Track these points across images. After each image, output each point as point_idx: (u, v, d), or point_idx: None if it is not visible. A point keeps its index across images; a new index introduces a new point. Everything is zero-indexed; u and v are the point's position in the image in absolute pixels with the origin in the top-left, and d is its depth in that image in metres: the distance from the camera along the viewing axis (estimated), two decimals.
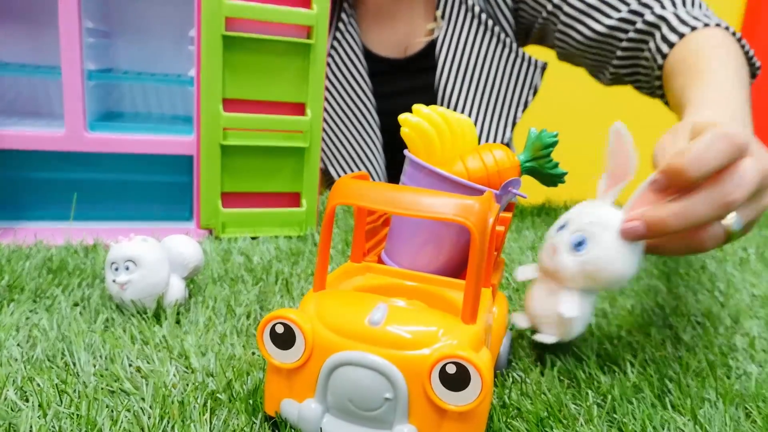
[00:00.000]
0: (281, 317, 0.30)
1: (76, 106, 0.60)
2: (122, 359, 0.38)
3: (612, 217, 0.38)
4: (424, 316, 0.30)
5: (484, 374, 0.27)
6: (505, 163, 0.38)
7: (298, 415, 0.30)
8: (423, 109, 0.38)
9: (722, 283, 0.61)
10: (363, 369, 0.28)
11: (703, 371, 0.42)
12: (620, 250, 0.37)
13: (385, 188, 0.31)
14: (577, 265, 0.37)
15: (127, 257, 0.43)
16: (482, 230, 0.29)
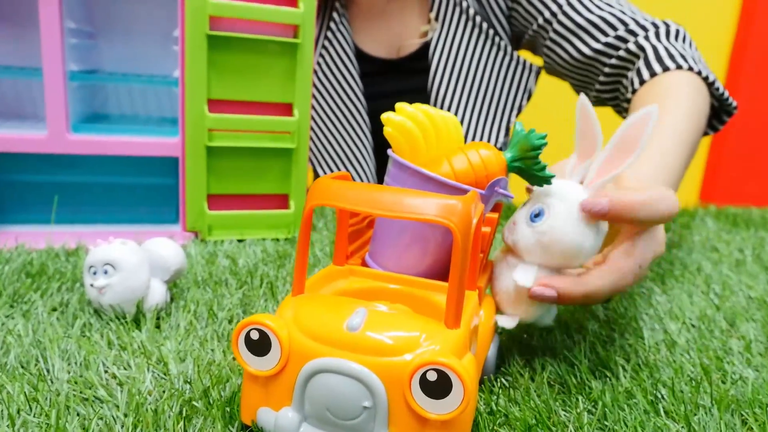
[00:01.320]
0: (256, 323, 0.29)
1: (59, 107, 0.59)
2: (98, 366, 0.37)
3: (569, 190, 0.37)
4: (405, 321, 0.29)
5: (466, 381, 0.25)
6: (492, 161, 0.37)
7: (275, 424, 0.29)
8: (407, 107, 0.37)
9: (718, 285, 0.60)
10: (340, 376, 0.27)
11: (697, 376, 0.41)
12: (575, 222, 0.36)
13: (365, 188, 0.30)
14: (533, 236, 0.37)
15: (106, 260, 0.42)
16: (465, 231, 0.28)
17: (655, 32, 0.76)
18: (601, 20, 0.78)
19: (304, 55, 0.63)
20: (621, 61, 0.77)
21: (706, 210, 0.98)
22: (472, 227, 0.29)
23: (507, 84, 0.92)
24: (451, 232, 0.28)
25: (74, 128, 0.61)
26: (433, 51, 0.90)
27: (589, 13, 0.79)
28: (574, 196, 0.37)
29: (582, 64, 0.82)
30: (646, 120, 0.36)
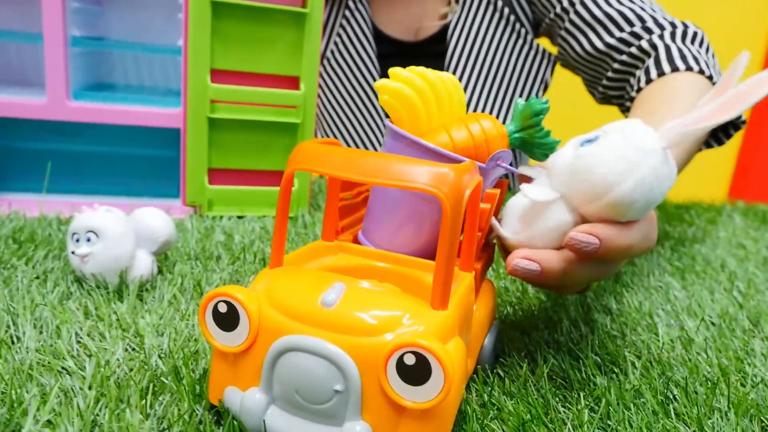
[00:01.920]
0: (224, 295, 0.26)
1: (59, 73, 0.57)
2: (70, 336, 0.35)
3: (636, 129, 0.31)
4: (386, 300, 0.26)
5: (447, 367, 0.23)
6: (493, 133, 0.34)
7: (241, 406, 0.26)
8: (402, 72, 0.34)
9: (742, 282, 0.56)
10: (310, 356, 0.24)
11: (714, 377, 0.37)
12: (621, 160, 0.30)
13: (348, 153, 0.27)
14: (570, 157, 0.32)
15: (89, 228, 0.40)
16: (455, 202, 0.25)
17: (671, 32, 0.71)
18: (618, 14, 0.74)
19: (312, 26, 0.60)
20: (631, 58, 0.74)
21: (734, 206, 0.94)
22: (464, 198, 0.26)
23: (524, 73, 0.89)
24: (440, 202, 0.25)
25: (75, 95, 0.59)
26: (451, 34, 0.87)
27: (608, 7, 0.75)
28: (641, 137, 0.31)
29: (593, 58, 0.78)
30: (765, 83, 0.30)
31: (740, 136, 1.87)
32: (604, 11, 0.75)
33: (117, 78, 0.72)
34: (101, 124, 0.60)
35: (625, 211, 0.31)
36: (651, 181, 0.30)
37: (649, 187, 0.31)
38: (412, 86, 0.34)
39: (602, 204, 0.31)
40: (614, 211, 0.31)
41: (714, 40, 0.75)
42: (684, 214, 0.85)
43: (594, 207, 0.31)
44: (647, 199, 0.31)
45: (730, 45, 0.74)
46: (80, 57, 0.62)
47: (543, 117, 0.33)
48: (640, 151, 0.30)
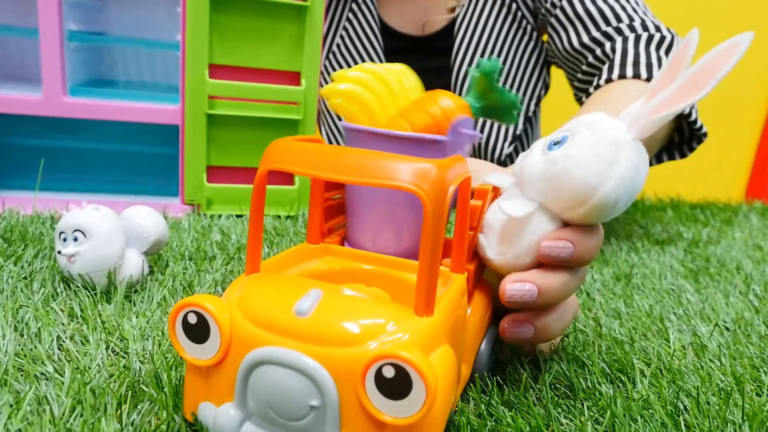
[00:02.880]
0: (193, 305, 0.24)
1: (55, 68, 0.56)
2: (52, 339, 0.34)
3: (605, 122, 0.30)
4: (365, 307, 0.24)
5: (429, 380, 0.21)
6: (454, 110, 0.32)
7: (214, 422, 0.24)
8: (348, 73, 0.33)
9: (759, 285, 0.54)
10: (284, 369, 0.23)
11: (728, 386, 0.35)
12: (598, 158, 0.28)
13: (323, 150, 0.25)
14: (542, 163, 0.30)
15: (76, 226, 0.39)
16: (438, 200, 0.23)
17: (636, 36, 0.68)
18: (598, 13, 0.72)
19: (314, 20, 0.59)
20: (596, 61, 0.71)
21: (750, 206, 0.91)
22: (448, 196, 0.24)
23: (529, 70, 0.87)
24: (421, 201, 0.23)
25: (72, 91, 0.58)
26: (458, 28, 0.85)
27: (591, 4, 0.73)
28: (611, 131, 0.29)
29: (570, 56, 0.76)
30: (730, 53, 0.29)
31: (758, 135, 1.83)
32: (585, 8, 0.73)
33: (118, 74, 0.71)
34: (99, 121, 0.59)
35: (611, 211, 0.29)
36: (631, 175, 0.29)
37: (630, 181, 0.29)
38: (361, 83, 0.33)
39: (587, 208, 0.29)
40: (599, 213, 0.29)
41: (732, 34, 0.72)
42: (699, 215, 0.82)
43: (577, 212, 0.29)
44: (629, 194, 0.29)
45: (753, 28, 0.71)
46: (78, 52, 0.62)
47: (497, 76, 0.32)
48: (614, 146, 0.29)
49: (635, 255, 0.60)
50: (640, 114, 0.29)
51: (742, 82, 1.78)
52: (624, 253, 0.61)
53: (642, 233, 0.70)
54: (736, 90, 1.78)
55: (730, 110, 1.80)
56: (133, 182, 0.66)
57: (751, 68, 1.77)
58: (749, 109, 1.81)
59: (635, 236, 0.68)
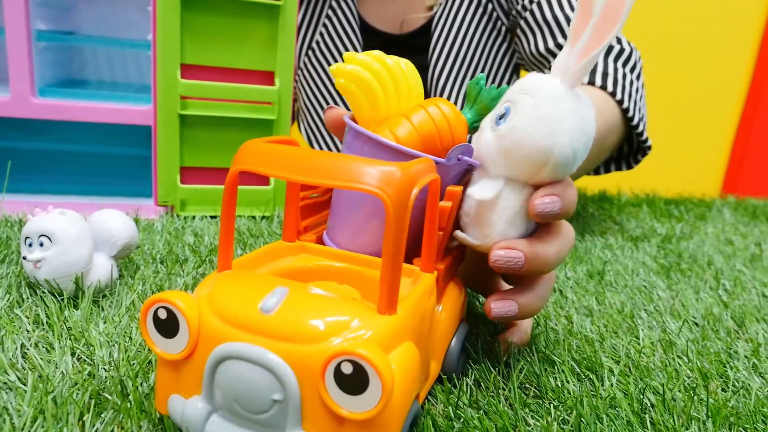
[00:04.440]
0: (163, 300, 0.25)
1: (23, 68, 0.55)
2: (16, 347, 0.33)
3: (540, 83, 0.30)
4: (329, 305, 0.25)
5: (384, 377, 0.21)
6: (455, 119, 0.33)
7: (182, 415, 0.25)
8: (358, 55, 0.33)
9: (728, 280, 0.55)
10: (248, 364, 0.23)
11: (694, 383, 0.36)
12: (544, 120, 0.29)
13: (293, 152, 0.25)
14: (494, 140, 0.31)
15: (41, 231, 0.38)
16: (400, 203, 0.24)
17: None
18: (565, 19, 0.72)
19: (287, 20, 0.58)
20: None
21: (724, 201, 0.92)
22: (411, 199, 0.24)
23: (502, 70, 0.87)
24: (383, 202, 0.23)
25: (41, 92, 0.57)
26: (435, 26, 0.85)
27: (559, 10, 0.73)
28: (546, 89, 0.30)
29: (536, 60, 0.77)
30: None
31: (733, 130, 1.85)
32: (553, 14, 0.73)
33: (89, 74, 0.70)
34: (70, 122, 0.58)
35: (573, 163, 0.30)
36: (579, 124, 0.30)
37: (581, 130, 0.30)
38: (370, 69, 0.32)
39: (549, 168, 0.30)
40: (564, 169, 0.30)
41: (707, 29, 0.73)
42: (673, 210, 0.83)
43: (543, 175, 0.30)
44: (585, 141, 0.30)
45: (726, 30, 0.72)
46: (47, 52, 0.60)
47: (497, 102, 0.32)
48: (554, 103, 0.29)
49: (609, 252, 0.61)
50: (569, 63, 0.30)
51: (717, 77, 1.80)
52: (598, 249, 0.61)
53: (617, 229, 0.71)
54: (712, 86, 1.80)
55: (705, 106, 1.82)
56: (105, 184, 0.65)
57: (725, 64, 1.79)
58: (725, 105, 1.84)
59: (610, 233, 0.69)
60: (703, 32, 1.75)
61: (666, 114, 1.79)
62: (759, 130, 1.80)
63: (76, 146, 0.65)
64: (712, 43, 1.76)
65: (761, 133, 1.80)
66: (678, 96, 1.79)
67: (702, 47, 1.76)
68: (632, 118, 0.65)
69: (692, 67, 1.78)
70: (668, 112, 1.79)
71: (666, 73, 1.76)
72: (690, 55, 1.77)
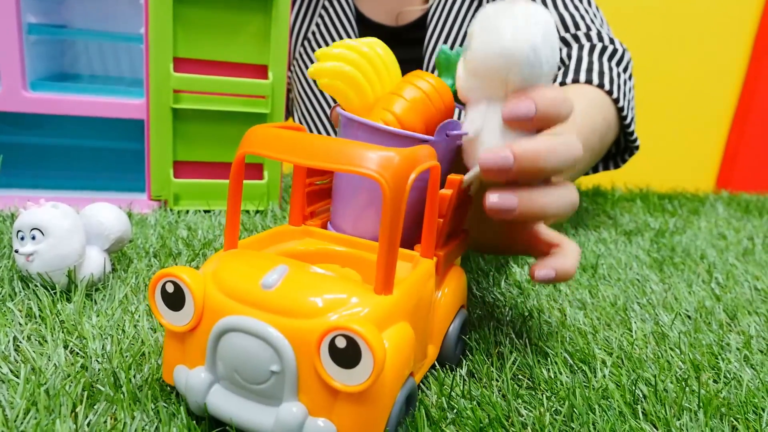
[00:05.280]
0: (171, 275, 0.26)
1: (13, 61, 0.55)
2: (8, 340, 0.33)
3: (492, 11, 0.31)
4: (328, 283, 0.26)
5: (376, 352, 0.22)
6: (442, 87, 0.33)
7: (186, 384, 0.26)
8: (332, 50, 0.33)
9: (721, 274, 0.55)
10: (249, 336, 0.25)
11: (686, 374, 0.36)
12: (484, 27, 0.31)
13: (296, 137, 0.26)
14: (463, 69, 0.32)
15: (34, 225, 0.38)
16: (397, 187, 0.24)
17: (591, 46, 0.69)
18: (559, 18, 0.72)
19: (280, 13, 0.58)
20: None
21: (717, 196, 0.93)
22: (408, 183, 0.25)
23: None
24: (380, 186, 0.24)
25: (32, 86, 0.57)
26: (430, 19, 0.85)
27: (553, 8, 0.73)
28: (488, 8, 0.32)
29: None
30: None
31: (727, 125, 1.86)
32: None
33: (81, 68, 0.69)
34: (62, 116, 0.57)
35: (540, 59, 0.31)
36: (524, 22, 0.30)
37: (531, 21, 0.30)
38: (348, 61, 0.33)
39: (517, 69, 0.30)
40: (532, 70, 0.30)
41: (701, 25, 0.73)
42: (667, 205, 0.83)
43: (514, 81, 0.31)
44: (543, 36, 0.30)
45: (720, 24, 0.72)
46: (39, 45, 0.60)
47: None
48: (496, 11, 0.31)
49: (602, 246, 0.61)
50: None
51: (712, 73, 1.80)
52: (592, 243, 0.62)
53: (610, 224, 0.71)
54: (706, 81, 1.81)
55: (700, 101, 1.83)
56: (98, 178, 0.64)
57: (720, 59, 1.80)
58: (719, 101, 1.85)
59: (603, 227, 0.69)
60: (698, 28, 1.75)
61: (660, 109, 1.80)
62: (753, 125, 1.81)
63: (69, 140, 0.64)
64: (706, 39, 1.76)
65: (755, 128, 1.81)
66: (672, 91, 1.80)
67: (696, 43, 1.77)
68: (626, 116, 0.65)
69: (686, 63, 1.78)
70: (663, 107, 1.80)
71: (660, 68, 1.76)
72: (684, 50, 1.77)
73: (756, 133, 1.82)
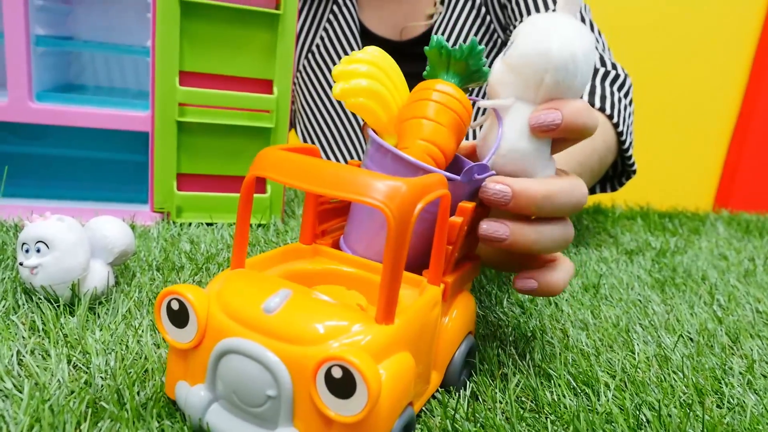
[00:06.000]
0: (176, 293, 0.27)
1: (21, 73, 0.55)
2: (12, 354, 0.33)
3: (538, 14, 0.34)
4: (329, 311, 0.26)
5: (371, 384, 0.22)
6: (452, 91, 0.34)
7: (185, 401, 0.27)
8: (348, 66, 0.33)
9: (723, 296, 0.55)
10: (247, 359, 0.25)
11: (689, 399, 0.36)
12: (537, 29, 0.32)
13: (306, 162, 0.26)
14: (502, 64, 0.34)
15: (39, 238, 0.38)
16: (402, 218, 0.24)
17: (593, 71, 0.71)
18: None
19: (286, 28, 0.58)
20: None
21: (718, 215, 0.93)
22: (414, 214, 0.25)
23: None
24: (385, 216, 0.24)
25: (38, 96, 0.57)
26: (433, 35, 0.85)
27: None
28: (542, 15, 0.33)
29: None
30: None
31: (726, 144, 1.87)
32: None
33: (87, 79, 0.70)
34: (67, 127, 0.57)
35: (574, 69, 0.32)
36: (574, 33, 0.32)
37: (578, 38, 0.32)
38: (373, 77, 0.33)
39: (550, 76, 0.32)
40: (565, 76, 0.32)
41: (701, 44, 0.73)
42: (667, 224, 0.84)
43: (546, 83, 0.32)
44: (583, 51, 0.32)
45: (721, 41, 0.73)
46: (46, 57, 0.60)
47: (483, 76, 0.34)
48: (548, 20, 0.32)
49: (604, 265, 0.61)
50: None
51: (711, 91, 1.82)
52: (593, 262, 0.62)
53: (611, 242, 0.71)
54: (705, 99, 1.82)
55: (698, 119, 1.84)
56: (101, 189, 0.64)
57: (719, 78, 1.81)
58: (717, 119, 1.86)
59: (605, 246, 0.69)
60: (697, 47, 1.77)
61: (659, 127, 1.81)
62: (751, 144, 1.82)
63: (72, 151, 0.64)
64: (706, 58, 1.78)
65: (753, 147, 1.82)
66: (671, 109, 1.81)
67: (695, 61, 1.78)
68: (624, 141, 0.66)
69: (686, 81, 1.80)
70: (661, 125, 1.81)
71: (660, 86, 1.78)
72: (683, 68, 1.78)
73: (754, 153, 1.83)
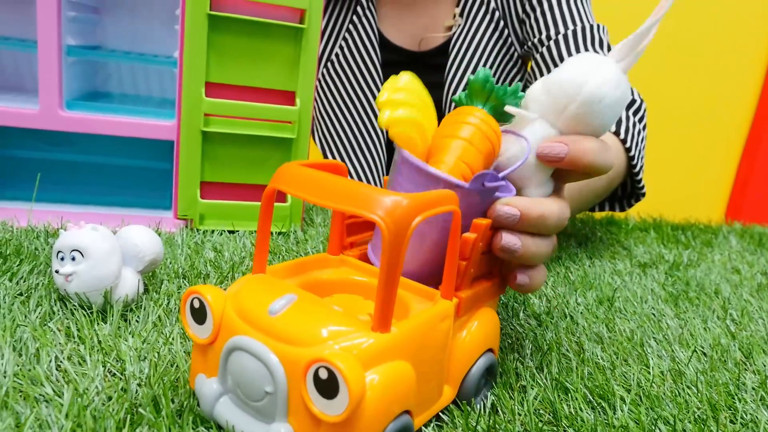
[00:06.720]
0: (197, 293, 0.30)
1: (52, 82, 0.57)
2: (50, 360, 0.34)
3: (588, 52, 0.36)
4: (329, 317, 0.28)
5: (352, 386, 0.24)
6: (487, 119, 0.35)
7: (200, 391, 0.29)
8: (393, 95, 0.34)
9: (736, 310, 0.56)
10: (250, 357, 0.27)
11: (704, 414, 0.37)
12: (582, 61, 0.34)
13: (317, 177, 0.29)
14: (542, 83, 0.36)
15: (74, 246, 0.40)
16: (397, 232, 0.26)
17: None
18: None
19: (310, 42, 0.60)
20: None
21: (730, 227, 0.93)
22: (410, 228, 0.27)
23: None
24: (380, 229, 0.26)
25: (68, 105, 0.59)
26: (452, 46, 0.87)
27: (575, 51, 0.75)
28: (592, 54, 0.35)
29: None
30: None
31: (737, 157, 1.87)
32: (571, 55, 0.75)
33: (113, 87, 0.71)
34: (94, 134, 0.59)
35: (599, 109, 0.34)
36: (614, 78, 0.34)
37: (616, 83, 0.34)
38: (410, 105, 0.34)
39: (577, 103, 0.34)
40: (589, 110, 0.34)
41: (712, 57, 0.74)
42: (680, 236, 0.84)
43: (570, 110, 0.34)
44: (615, 97, 0.34)
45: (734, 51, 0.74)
46: (75, 66, 0.62)
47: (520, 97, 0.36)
48: (596, 60, 0.34)
49: (618, 278, 0.62)
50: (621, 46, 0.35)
51: (724, 102, 1.82)
52: (607, 275, 0.62)
53: (625, 254, 0.72)
54: (716, 111, 1.82)
55: (710, 131, 1.84)
56: (125, 195, 0.66)
57: (731, 90, 1.81)
58: (729, 131, 1.86)
59: (618, 258, 0.70)
60: (709, 59, 1.77)
61: (671, 139, 1.81)
62: (763, 157, 1.82)
63: (98, 158, 0.66)
64: (717, 71, 1.78)
65: (765, 160, 1.82)
66: (683, 121, 1.81)
67: (707, 74, 1.78)
68: (635, 165, 0.68)
69: (698, 93, 1.80)
70: (673, 137, 1.81)
71: (672, 98, 1.78)
72: (695, 81, 1.79)
73: (766, 165, 1.82)
